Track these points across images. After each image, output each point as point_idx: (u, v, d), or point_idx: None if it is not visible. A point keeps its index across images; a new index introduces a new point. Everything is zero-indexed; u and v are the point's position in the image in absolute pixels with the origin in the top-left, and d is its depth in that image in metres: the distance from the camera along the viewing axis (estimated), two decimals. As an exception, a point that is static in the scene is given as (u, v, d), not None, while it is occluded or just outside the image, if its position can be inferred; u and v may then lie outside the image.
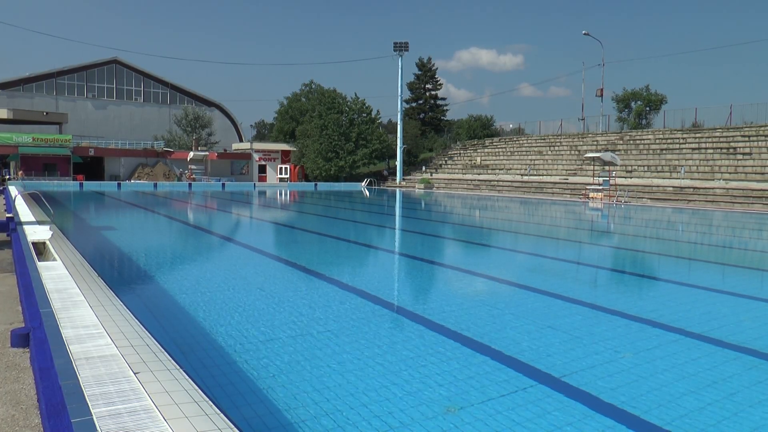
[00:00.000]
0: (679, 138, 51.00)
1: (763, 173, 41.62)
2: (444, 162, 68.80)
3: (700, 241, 22.37)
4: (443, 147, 74.40)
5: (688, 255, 18.12)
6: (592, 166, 48.08)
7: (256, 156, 71.83)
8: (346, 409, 5.18)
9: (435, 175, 64.81)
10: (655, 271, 15.05)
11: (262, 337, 7.26)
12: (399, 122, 68.08)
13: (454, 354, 6.86)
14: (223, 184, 60.75)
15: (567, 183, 50.48)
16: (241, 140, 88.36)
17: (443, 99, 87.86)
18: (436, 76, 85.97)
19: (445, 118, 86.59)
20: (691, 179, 44.32)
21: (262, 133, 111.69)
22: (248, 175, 72.16)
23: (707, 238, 23.45)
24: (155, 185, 57.54)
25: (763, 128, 47.00)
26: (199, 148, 71.84)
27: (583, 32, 63.76)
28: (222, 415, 4.30)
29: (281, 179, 69.11)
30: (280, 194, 50.65)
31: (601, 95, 64.37)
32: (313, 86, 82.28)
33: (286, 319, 8.28)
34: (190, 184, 59.25)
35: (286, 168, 69.53)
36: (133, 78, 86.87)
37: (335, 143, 65.37)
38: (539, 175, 55.32)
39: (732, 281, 13.57)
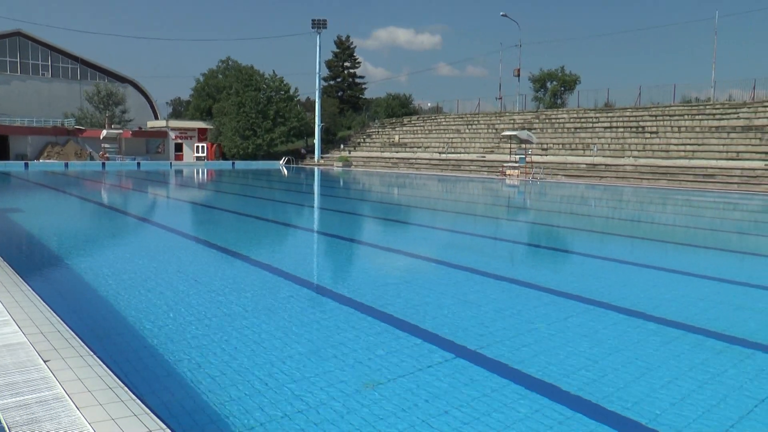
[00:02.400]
0: (592, 117, 52.35)
1: (668, 151, 43.22)
2: (362, 140, 68.76)
3: (611, 215, 23.09)
4: (361, 125, 74.28)
5: (600, 229, 18.66)
6: (508, 144, 48.89)
7: (172, 134, 70.09)
8: (266, 390, 5.14)
9: (353, 154, 64.72)
10: (569, 245, 15.46)
11: (180, 320, 7.12)
12: (317, 100, 67.54)
13: (373, 330, 6.90)
14: (138, 163, 59.16)
15: (484, 161, 51.18)
16: (156, 118, 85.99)
17: (361, 77, 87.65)
18: (355, 55, 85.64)
19: (364, 97, 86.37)
20: (603, 156, 45.63)
21: (179, 110, 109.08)
22: (164, 153, 70.39)
23: (618, 212, 24.22)
24: (66, 165, 55.59)
25: (668, 108, 48.77)
26: (112, 126, 69.57)
27: (501, 13, 64.55)
28: (138, 400, 4.21)
29: (198, 158, 67.69)
30: (198, 173, 49.70)
31: (518, 75, 65.44)
32: (230, 63, 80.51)
33: (203, 300, 8.14)
34: (103, 164, 57.47)
35: (203, 146, 68.12)
36: (39, 52, 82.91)
37: (253, 121, 64.40)
38: (457, 153, 55.91)
39: (640, 253, 14.06)
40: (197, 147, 68.39)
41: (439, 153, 56.83)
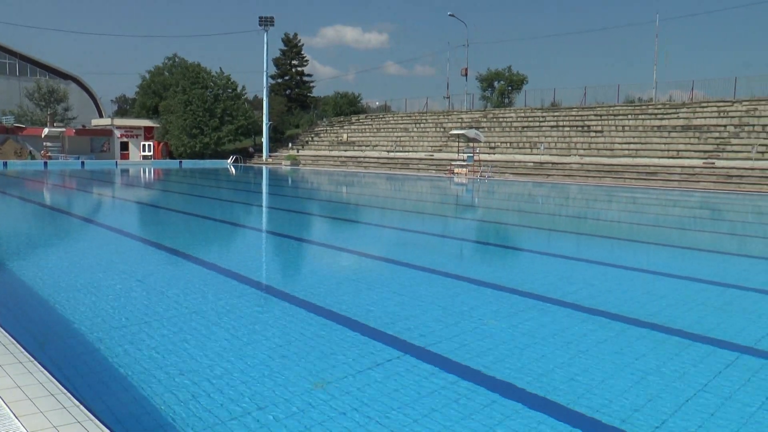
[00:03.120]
0: (539, 116, 53.04)
1: (612, 150, 44.06)
2: (311, 139, 68.52)
3: (558, 212, 23.47)
4: (310, 124, 74.03)
5: (546, 226, 18.93)
6: (456, 143, 49.20)
7: (117, 132, 68.71)
8: (214, 392, 5.07)
9: (302, 152, 64.43)
10: (515, 242, 15.66)
11: (126, 322, 6.99)
12: (265, 98, 66.95)
13: (322, 330, 6.86)
14: (83, 163, 57.89)
15: (432, 159, 51.43)
16: (101, 116, 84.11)
17: (309, 75, 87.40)
18: (302, 53, 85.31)
19: (312, 95, 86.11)
20: (550, 155, 46.28)
21: (124, 108, 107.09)
22: (109, 152, 68.96)
23: (564, 209, 24.61)
24: (5, 164, 54.12)
25: (612, 108, 49.78)
26: (54, 124, 67.96)
27: (448, 13, 64.93)
28: (82, 406, 4.11)
29: (144, 156, 66.52)
30: (144, 172, 48.91)
31: (466, 74, 65.94)
32: (177, 60, 79.14)
33: (150, 302, 8.00)
34: (45, 163, 56.13)
35: (149, 145, 66.96)
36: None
37: (200, 119, 63.53)
38: (405, 151, 56.08)
39: (585, 249, 14.31)
40: (143, 146, 67.23)
41: (388, 152, 56.93)
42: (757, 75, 72.78)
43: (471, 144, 45.16)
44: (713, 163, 38.09)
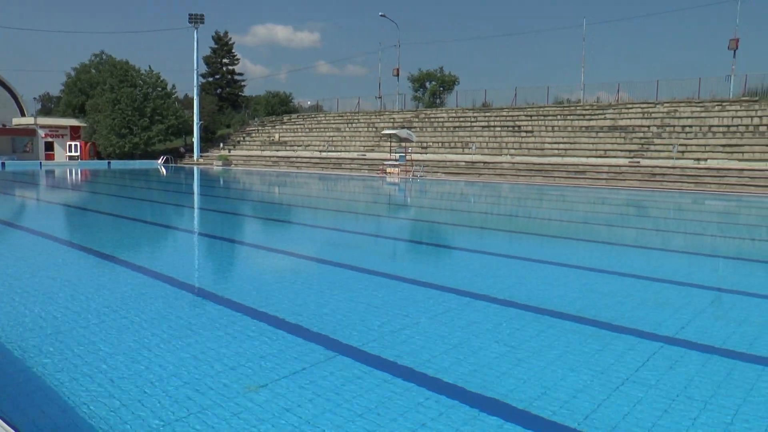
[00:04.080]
0: (470, 116, 53.65)
1: (542, 149, 44.92)
2: (242, 138, 67.81)
3: (489, 211, 23.78)
4: (241, 123, 73.25)
5: (477, 224, 19.15)
6: (389, 143, 49.37)
7: (41, 132, 66.60)
8: (146, 399, 4.93)
9: (233, 152, 63.71)
10: (447, 240, 15.79)
11: (52, 329, 6.73)
12: (195, 97, 65.90)
13: (254, 331, 6.76)
14: (3, 163, 55.97)
15: (365, 159, 51.48)
16: (23, 115, 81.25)
17: (240, 74, 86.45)
18: (233, 51, 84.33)
19: (243, 94, 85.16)
20: (482, 155, 46.87)
21: (48, 107, 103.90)
22: (33, 153, 66.84)
23: (495, 208, 24.97)
24: None
25: (542, 109, 50.76)
26: (-30, 124, 65.60)
27: (380, 14, 65.06)
28: (1, 420, 3.96)
29: (71, 157, 64.63)
30: (70, 173, 47.55)
31: (398, 75, 66.15)
32: (104, 57, 77.19)
33: (77, 307, 7.74)
34: (-38, 164, 54.12)
35: (76, 145, 65.08)
36: None
37: (129, 119, 62.10)
38: (338, 151, 56.01)
39: (517, 246, 14.54)
40: (70, 146, 65.33)
41: (320, 151, 56.77)
42: (678, 78, 75.42)
43: (403, 144, 45.37)
44: (638, 162, 39.18)
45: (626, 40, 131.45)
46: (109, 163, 60.44)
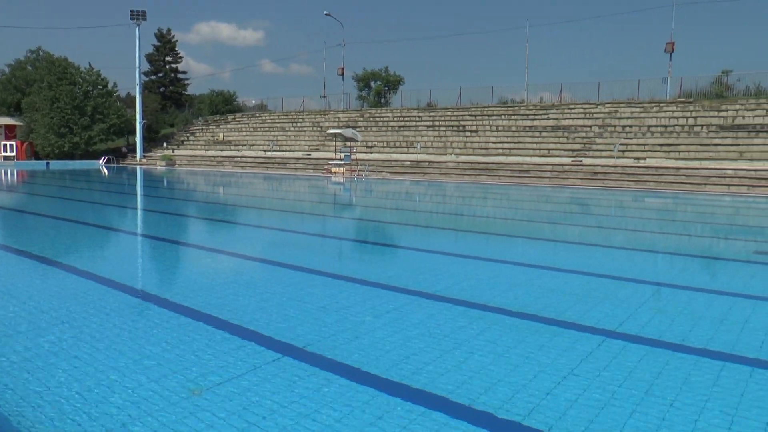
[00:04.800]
0: (415, 116, 53.93)
1: (487, 148, 45.41)
2: (186, 138, 66.95)
3: (434, 209, 23.93)
4: (185, 122, 72.30)
5: (423, 223, 19.26)
6: (334, 142, 49.29)
7: (-27, 132, 64.82)
8: (85, 406, 4.79)
9: (177, 152, 62.87)
10: (391, 239, 15.84)
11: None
12: (138, 96, 64.73)
13: (198, 335, 6.65)
14: (-69, 164, 54.18)
15: (310, 158, 51.31)
16: (-47, 114, 79.17)
17: (184, 73, 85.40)
18: (176, 49, 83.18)
19: (187, 93, 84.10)
20: (427, 154, 47.16)
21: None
22: (-37, 153, 64.94)
23: (440, 206, 25.13)
24: None
25: (487, 108, 51.36)
26: None
27: (325, 12, 64.74)
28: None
29: (6, 157, 62.87)
30: (6, 174, 46.24)
31: (342, 74, 66.15)
32: (41, 54, 75.27)
33: (12, 313, 7.53)
34: None
35: (11, 145, 63.27)
36: None
37: (68, 117, 60.67)
38: (283, 151, 55.72)
39: (461, 244, 14.67)
40: (5, 146, 63.48)
41: (265, 151, 56.39)
42: (618, 80, 77.28)
43: (348, 143, 45.35)
44: (581, 161, 39.90)
45: (568, 42, 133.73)
46: (47, 163, 58.95)
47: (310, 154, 52.63)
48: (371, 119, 55.92)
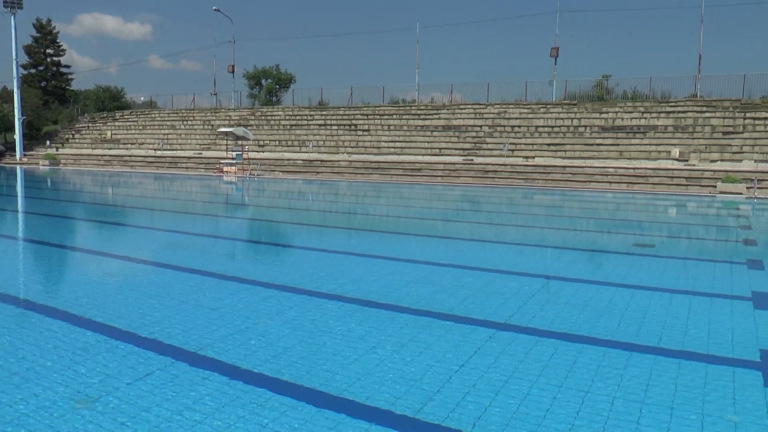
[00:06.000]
0: (307, 115, 53.70)
1: (379, 147, 45.77)
2: (71, 136, 64.30)
3: (326, 208, 23.94)
4: (70, 119, 69.36)
5: (316, 222, 19.23)
6: (225, 141, 48.52)
7: None
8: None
9: (61, 151, 60.29)
10: (285, 239, 15.76)
11: None
12: (16, 90, 61.42)
13: (87, 343, 6.36)
14: None
15: (201, 157, 50.34)
16: None
17: (68, 66, 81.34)
18: (58, 41, 79.36)
19: (71, 88, 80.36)
20: (319, 153, 47.09)
21: None
22: None
23: (332, 205, 25.15)
24: None
25: (378, 108, 51.67)
26: None
27: (214, 8, 63.41)
28: None
29: None
30: None
31: (233, 71, 65.16)
32: None
33: None
34: None
35: None
36: None
37: (-63, 113, 57.31)
38: (173, 149, 54.42)
39: (355, 243, 14.74)
40: None
41: (155, 150, 54.93)
42: (507, 82, 79.57)
43: (240, 142, 44.74)
44: (472, 160, 40.79)
45: (458, 44, 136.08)
46: None
47: (201, 153, 51.61)
48: (263, 118, 55.33)
